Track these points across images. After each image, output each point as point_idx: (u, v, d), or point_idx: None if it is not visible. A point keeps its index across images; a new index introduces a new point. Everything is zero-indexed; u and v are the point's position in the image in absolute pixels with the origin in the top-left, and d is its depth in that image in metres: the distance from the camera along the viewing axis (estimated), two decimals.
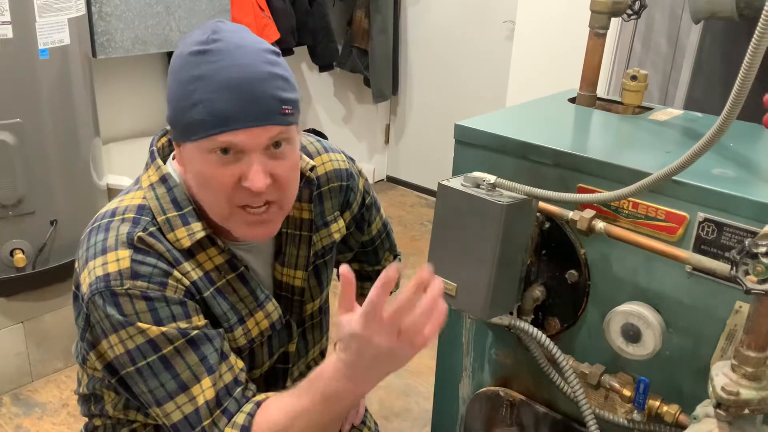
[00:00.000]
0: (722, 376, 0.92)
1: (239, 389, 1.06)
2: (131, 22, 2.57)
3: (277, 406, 1.03)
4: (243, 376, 1.08)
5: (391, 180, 4.52)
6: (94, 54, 2.50)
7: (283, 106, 0.98)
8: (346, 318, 0.91)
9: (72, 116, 2.26)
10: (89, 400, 1.25)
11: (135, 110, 3.08)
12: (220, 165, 0.99)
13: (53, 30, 2.11)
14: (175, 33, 2.69)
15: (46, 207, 2.23)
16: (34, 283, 2.32)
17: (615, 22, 1.58)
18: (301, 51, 3.64)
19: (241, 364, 1.09)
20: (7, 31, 2.00)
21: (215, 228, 1.10)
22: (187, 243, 1.06)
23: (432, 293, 0.88)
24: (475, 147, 1.30)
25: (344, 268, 0.90)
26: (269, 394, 1.08)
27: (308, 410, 0.99)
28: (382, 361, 0.92)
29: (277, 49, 1.03)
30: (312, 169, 1.18)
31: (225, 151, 0.98)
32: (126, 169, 2.66)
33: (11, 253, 2.20)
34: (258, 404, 1.05)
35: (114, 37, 2.54)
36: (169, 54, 3.07)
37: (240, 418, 1.03)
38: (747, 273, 0.87)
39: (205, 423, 1.03)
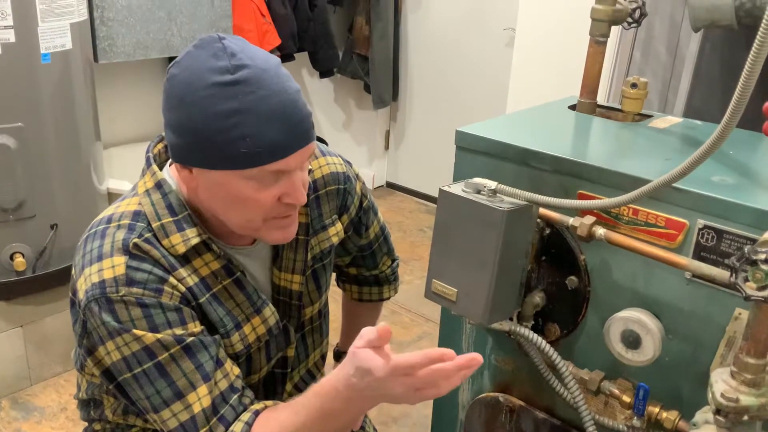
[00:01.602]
0: (722, 382, 0.93)
1: (235, 396, 1.06)
2: (133, 27, 2.57)
3: (275, 418, 1.04)
4: (239, 383, 1.08)
5: (391, 186, 4.53)
6: (95, 59, 2.51)
7: (311, 121, 1.02)
8: (369, 354, 0.92)
9: (73, 120, 2.27)
10: (89, 405, 1.25)
11: (136, 115, 3.09)
12: (260, 188, 1.00)
13: (55, 35, 2.11)
14: (176, 38, 2.70)
15: (46, 211, 2.23)
16: (33, 286, 2.32)
17: (615, 30, 1.59)
18: (302, 57, 3.65)
19: (237, 370, 1.09)
20: (10, 36, 2.00)
21: (213, 233, 1.10)
22: (181, 249, 1.06)
23: (466, 372, 0.94)
24: (475, 153, 1.30)
25: (384, 329, 0.93)
26: (267, 402, 1.08)
27: (305, 425, 1.01)
28: (388, 398, 0.95)
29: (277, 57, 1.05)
30: (308, 172, 1.19)
31: (270, 173, 1.00)
32: (127, 174, 2.66)
33: (11, 257, 2.20)
34: (256, 413, 1.05)
35: (116, 42, 2.55)
36: (171, 60, 3.08)
37: (237, 427, 1.03)
38: (746, 280, 0.87)
39: (202, 430, 1.03)
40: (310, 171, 1.19)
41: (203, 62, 0.97)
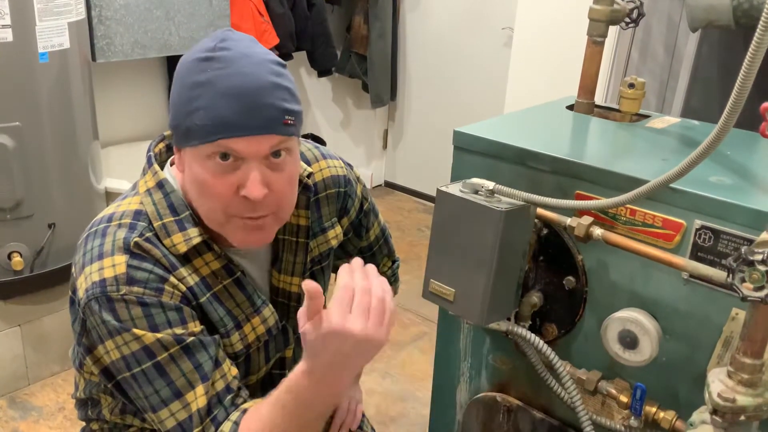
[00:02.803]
0: (718, 382, 0.93)
1: (230, 397, 1.06)
2: (131, 27, 2.57)
3: (256, 416, 1.03)
4: (235, 384, 1.08)
5: (389, 185, 4.53)
6: (93, 58, 2.50)
7: (286, 116, 0.99)
8: (312, 323, 0.90)
9: (71, 120, 2.27)
10: (86, 404, 1.25)
11: (134, 114, 3.09)
12: (219, 172, 0.99)
13: (53, 34, 2.11)
14: (174, 38, 2.70)
15: (44, 210, 2.23)
16: (31, 286, 2.32)
17: (613, 30, 1.59)
18: (300, 56, 3.65)
19: (234, 371, 1.09)
20: (7, 35, 2.00)
21: (212, 233, 1.10)
22: (183, 248, 1.06)
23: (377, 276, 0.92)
24: (473, 153, 1.30)
25: (310, 284, 0.89)
26: (257, 400, 1.07)
27: (283, 418, 0.99)
28: (359, 352, 0.91)
29: (283, 62, 1.03)
30: (309, 175, 1.18)
31: (224, 157, 0.98)
32: (124, 173, 2.66)
33: (9, 256, 2.20)
34: (244, 412, 1.04)
35: (113, 41, 2.54)
36: (169, 58, 3.08)
37: (226, 427, 1.03)
38: (743, 280, 0.87)
39: (196, 430, 1.03)
40: (310, 174, 1.19)
41: (199, 44, 1.01)
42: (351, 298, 0.89)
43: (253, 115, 0.96)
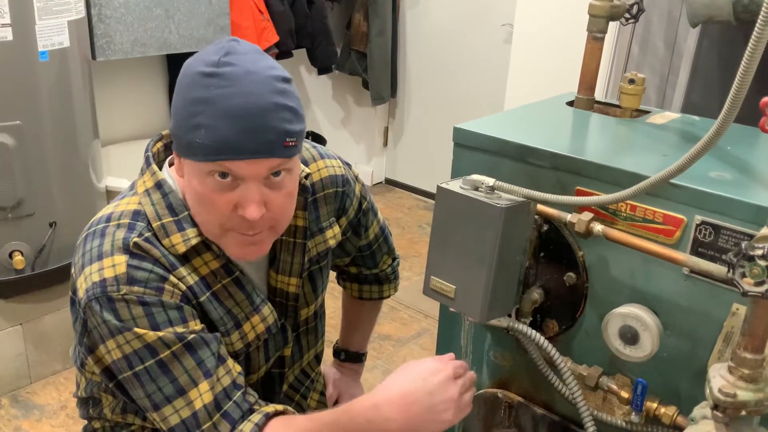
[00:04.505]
0: (719, 377, 0.93)
1: (239, 393, 1.06)
2: (131, 25, 2.57)
3: (292, 426, 1.05)
4: (241, 380, 1.08)
5: (390, 182, 4.53)
6: (93, 56, 2.50)
7: (287, 139, 0.98)
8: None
9: (71, 118, 2.27)
10: (87, 403, 1.26)
11: (134, 112, 3.09)
12: (218, 189, 0.99)
13: (53, 32, 2.11)
14: (174, 36, 2.70)
15: (45, 209, 2.23)
16: (33, 284, 2.32)
17: (613, 25, 1.59)
18: (300, 54, 3.65)
19: (238, 368, 1.09)
20: (7, 34, 2.00)
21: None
22: (182, 248, 1.06)
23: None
24: (473, 150, 1.30)
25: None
26: (277, 407, 1.08)
27: None
28: (433, 410, 1.06)
29: (288, 75, 1.02)
30: (307, 176, 1.18)
31: (223, 175, 0.98)
32: (125, 171, 2.66)
33: (10, 255, 2.20)
34: (266, 416, 1.04)
35: (113, 40, 2.54)
36: (169, 56, 3.08)
37: (247, 427, 1.03)
38: (744, 275, 0.87)
39: (205, 426, 1.03)
40: (308, 175, 1.19)
41: (203, 54, 1.00)
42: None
43: (254, 138, 0.96)
